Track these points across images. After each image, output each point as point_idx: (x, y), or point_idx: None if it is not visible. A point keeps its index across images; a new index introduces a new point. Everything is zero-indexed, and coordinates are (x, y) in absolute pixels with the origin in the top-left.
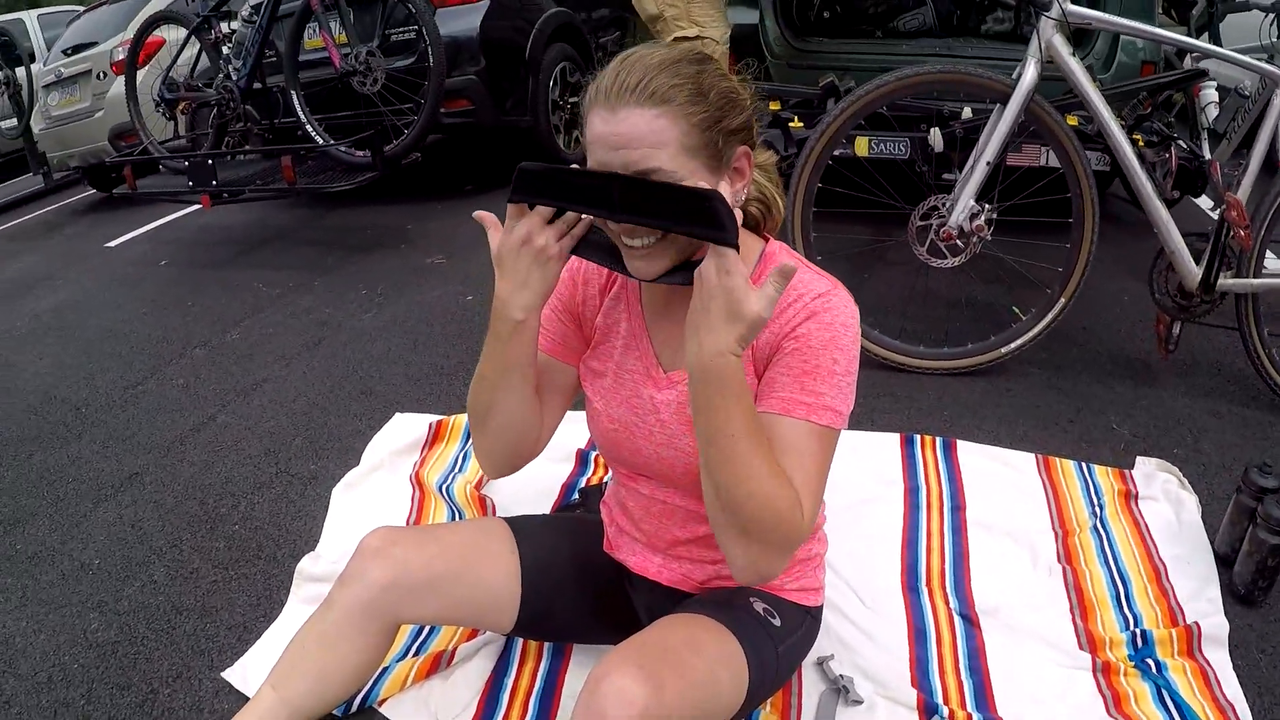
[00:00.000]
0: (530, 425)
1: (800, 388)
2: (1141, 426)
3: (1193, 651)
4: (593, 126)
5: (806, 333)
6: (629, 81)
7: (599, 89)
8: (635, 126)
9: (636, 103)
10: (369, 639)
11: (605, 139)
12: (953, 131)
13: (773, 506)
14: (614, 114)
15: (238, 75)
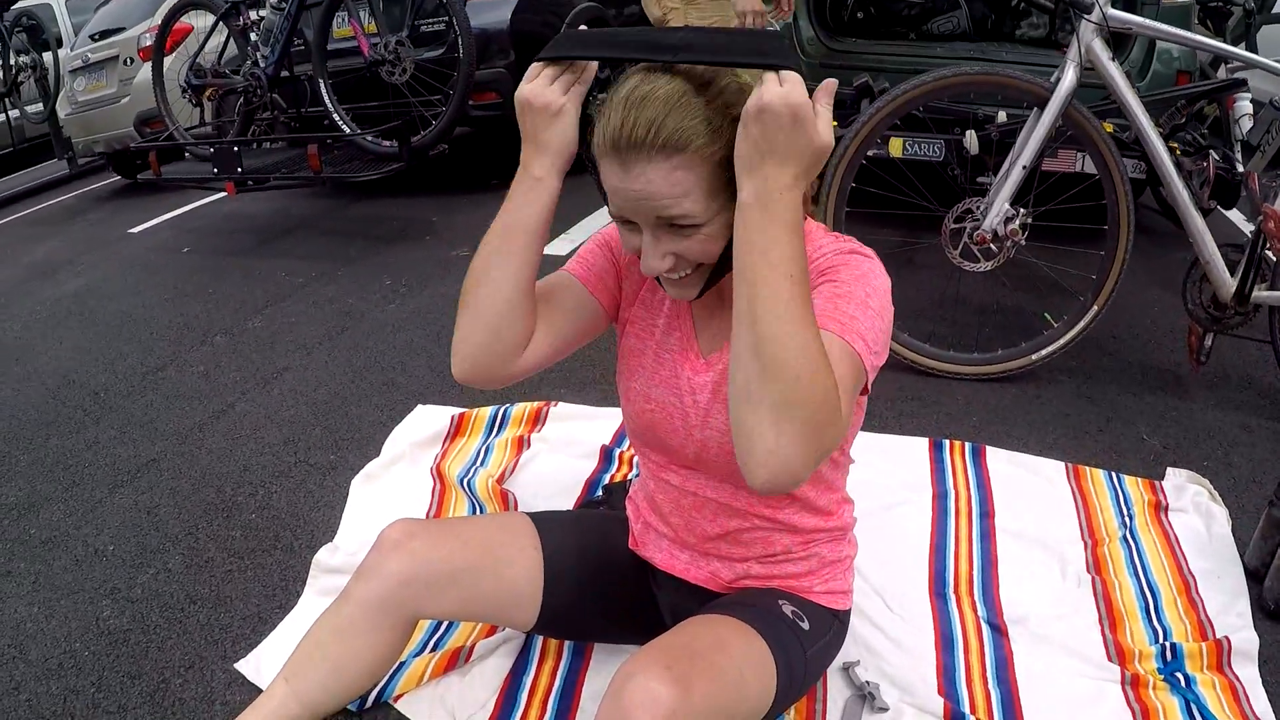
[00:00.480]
0: (516, 315)
1: (834, 307)
2: (1172, 438)
3: (1222, 666)
4: (607, 177)
5: (835, 268)
6: (638, 132)
7: (607, 137)
8: (652, 182)
9: (649, 156)
10: (386, 633)
11: (623, 193)
12: (988, 135)
13: (815, 377)
14: (628, 170)
15: (265, 63)
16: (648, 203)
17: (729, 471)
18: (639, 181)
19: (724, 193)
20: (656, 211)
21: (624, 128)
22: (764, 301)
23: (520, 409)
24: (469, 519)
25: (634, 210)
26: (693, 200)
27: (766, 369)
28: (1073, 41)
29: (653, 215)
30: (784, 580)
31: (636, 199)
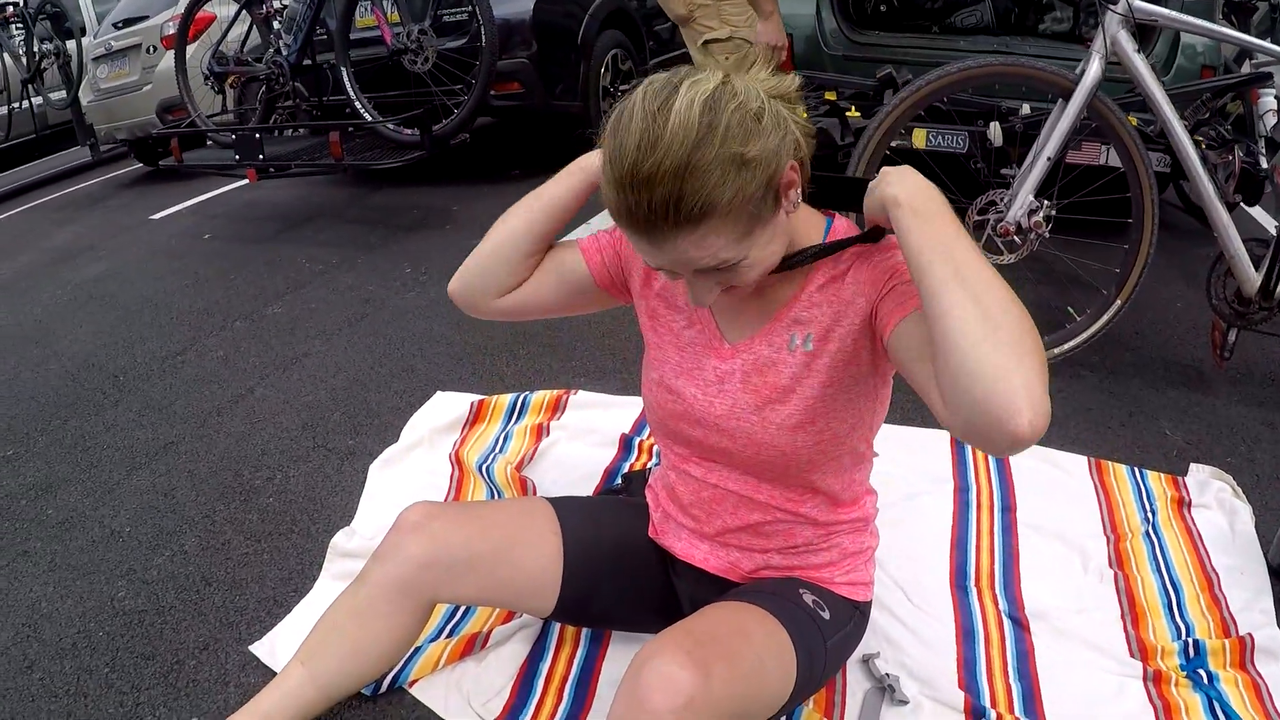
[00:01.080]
0: (511, 263)
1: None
2: (1194, 434)
3: (1245, 663)
4: (633, 243)
5: (893, 266)
6: (657, 213)
7: (623, 211)
8: (685, 251)
9: (676, 230)
10: (403, 617)
11: (653, 259)
12: (1012, 126)
13: (1028, 319)
14: (656, 245)
15: (288, 51)
16: (686, 264)
17: (753, 463)
18: (671, 253)
19: (755, 224)
20: (693, 266)
21: (639, 208)
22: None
23: (540, 396)
24: (489, 503)
25: (670, 269)
26: (727, 251)
27: (993, 320)
28: (1098, 33)
29: (690, 270)
30: (805, 571)
31: (674, 264)
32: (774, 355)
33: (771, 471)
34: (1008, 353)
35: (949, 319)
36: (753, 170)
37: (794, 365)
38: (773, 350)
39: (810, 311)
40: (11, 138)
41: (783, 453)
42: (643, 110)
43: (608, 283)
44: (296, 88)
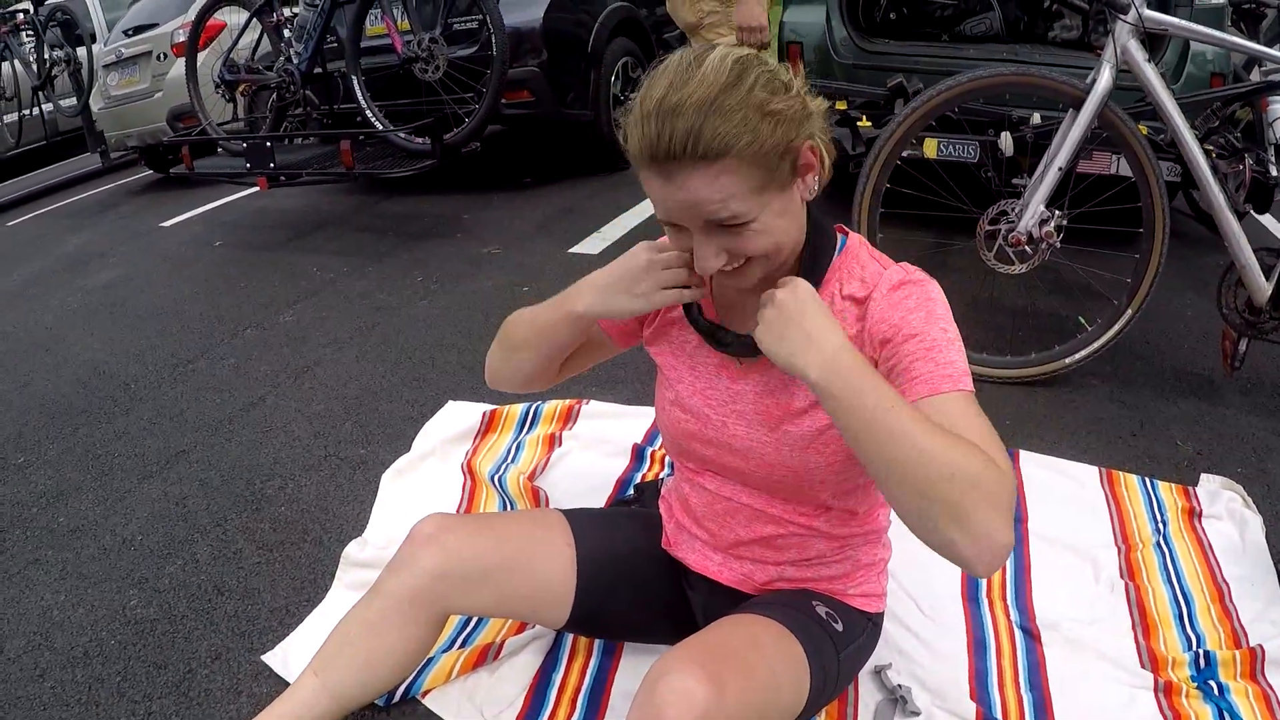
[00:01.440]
0: (541, 375)
1: (934, 364)
2: (1205, 444)
3: (1256, 674)
4: (649, 186)
5: (904, 318)
6: (676, 144)
7: (644, 148)
8: (697, 190)
9: (691, 166)
10: (416, 628)
11: (667, 202)
12: (1023, 136)
13: (963, 462)
14: (670, 181)
15: (299, 59)
16: (695, 209)
17: (766, 481)
18: (683, 191)
19: (770, 185)
20: (705, 216)
21: (660, 140)
22: (885, 443)
23: (552, 406)
24: (503, 515)
25: (681, 216)
26: (739, 200)
27: (924, 496)
28: (1108, 42)
29: (701, 219)
30: (818, 582)
31: (682, 206)
32: (787, 377)
33: (785, 488)
34: (949, 525)
35: (880, 484)
36: (773, 124)
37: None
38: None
39: None
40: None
41: (795, 472)
42: (677, 62)
43: (616, 332)
44: (307, 96)
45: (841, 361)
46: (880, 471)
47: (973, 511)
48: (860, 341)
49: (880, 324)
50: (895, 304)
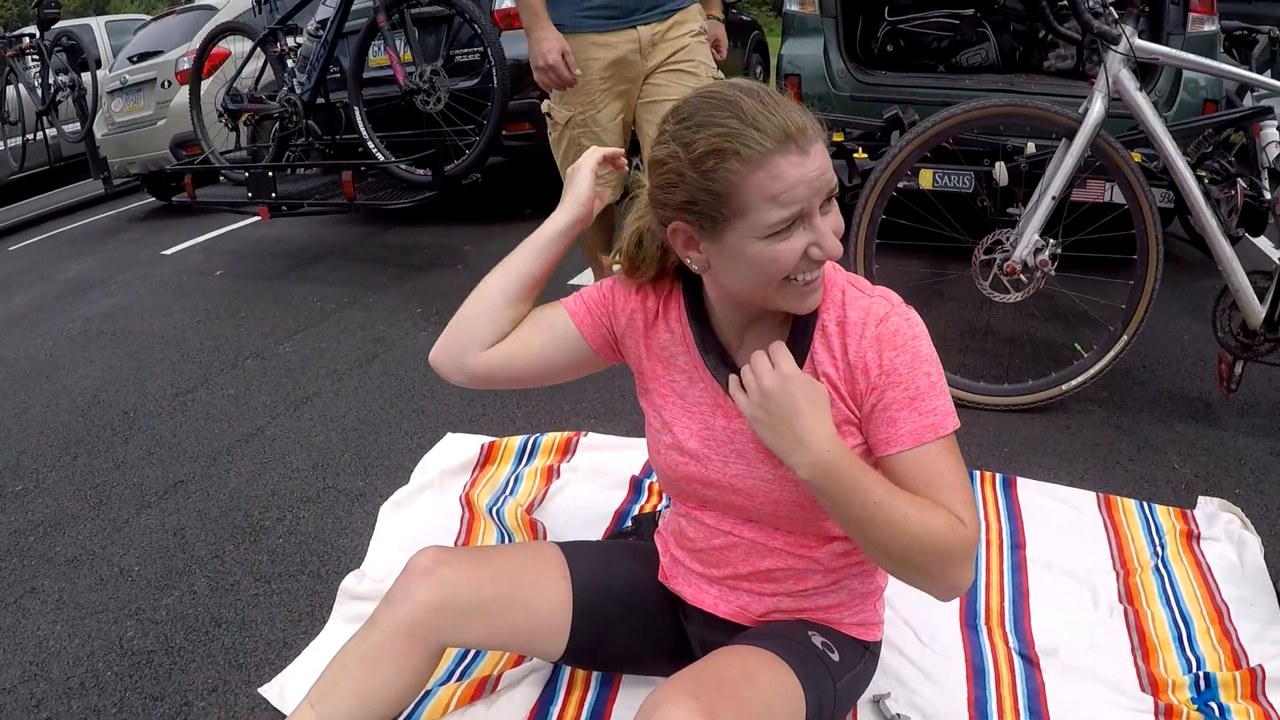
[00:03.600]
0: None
1: (917, 414)
2: (1203, 466)
3: (1256, 695)
4: (784, 169)
5: (891, 364)
6: (798, 121)
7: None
8: (822, 154)
9: (814, 137)
10: (413, 661)
11: (805, 180)
12: (1017, 166)
13: (933, 540)
14: (808, 153)
15: (301, 89)
16: (824, 177)
17: (770, 516)
18: (817, 158)
19: None
20: (828, 185)
21: (787, 118)
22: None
23: (550, 438)
24: (499, 548)
25: (815, 192)
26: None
27: (899, 562)
28: (1100, 72)
29: (825, 191)
30: (814, 612)
31: (818, 177)
32: None
33: (791, 521)
34: (919, 580)
35: (861, 548)
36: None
37: None
38: None
39: (811, 372)
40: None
41: (802, 506)
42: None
43: (599, 343)
44: (310, 126)
45: (830, 462)
46: (863, 545)
47: (941, 575)
48: (842, 375)
49: (867, 365)
50: (882, 345)
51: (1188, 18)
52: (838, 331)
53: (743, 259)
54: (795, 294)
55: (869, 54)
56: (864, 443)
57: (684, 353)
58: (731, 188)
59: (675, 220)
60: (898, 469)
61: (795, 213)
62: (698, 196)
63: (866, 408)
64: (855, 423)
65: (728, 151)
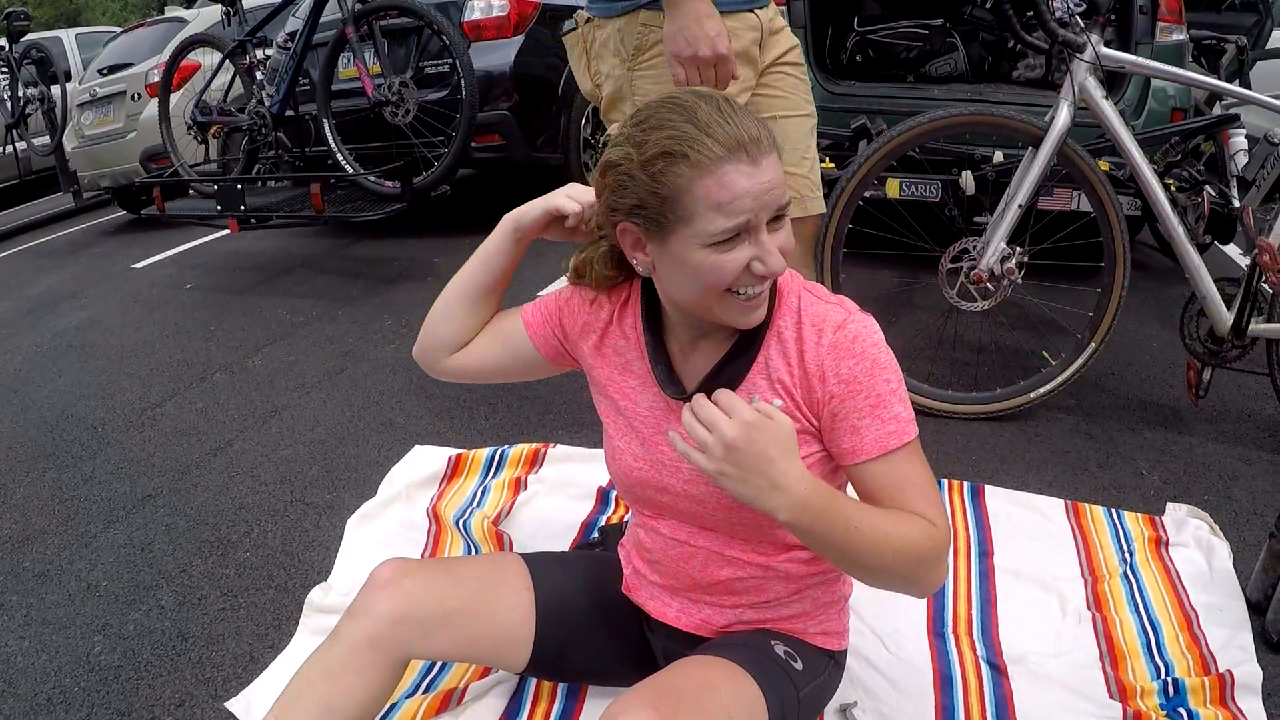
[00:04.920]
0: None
1: (880, 422)
2: (1171, 473)
3: (1225, 700)
4: (733, 179)
5: (850, 373)
6: (753, 132)
7: (732, 136)
8: (775, 170)
9: (767, 150)
10: (376, 673)
11: (753, 192)
12: (984, 174)
13: (913, 549)
14: (758, 164)
15: (271, 102)
16: (773, 193)
17: (721, 520)
18: (768, 172)
19: None
20: (777, 201)
21: (744, 130)
22: (853, 556)
23: (518, 450)
24: (462, 559)
25: (762, 206)
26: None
27: (880, 576)
28: (1066, 80)
29: (773, 207)
30: (777, 622)
31: (766, 191)
32: None
33: (746, 528)
34: (899, 586)
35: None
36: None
37: None
38: None
39: (766, 380)
40: None
41: (754, 512)
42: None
43: (552, 353)
44: (279, 138)
45: (808, 500)
46: (843, 568)
47: (922, 579)
48: (797, 381)
49: (824, 373)
50: (840, 353)
51: (1156, 27)
52: (794, 338)
53: (686, 266)
54: (736, 308)
55: (838, 64)
56: (821, 450)
57: (638, 359)
58: (679, 192)
59: (624, 222)
60: (865, 477)
61: (740, 224)
62: (646, 199)
63: (825, 416)
64: (813, 431)
65: (677, 155)
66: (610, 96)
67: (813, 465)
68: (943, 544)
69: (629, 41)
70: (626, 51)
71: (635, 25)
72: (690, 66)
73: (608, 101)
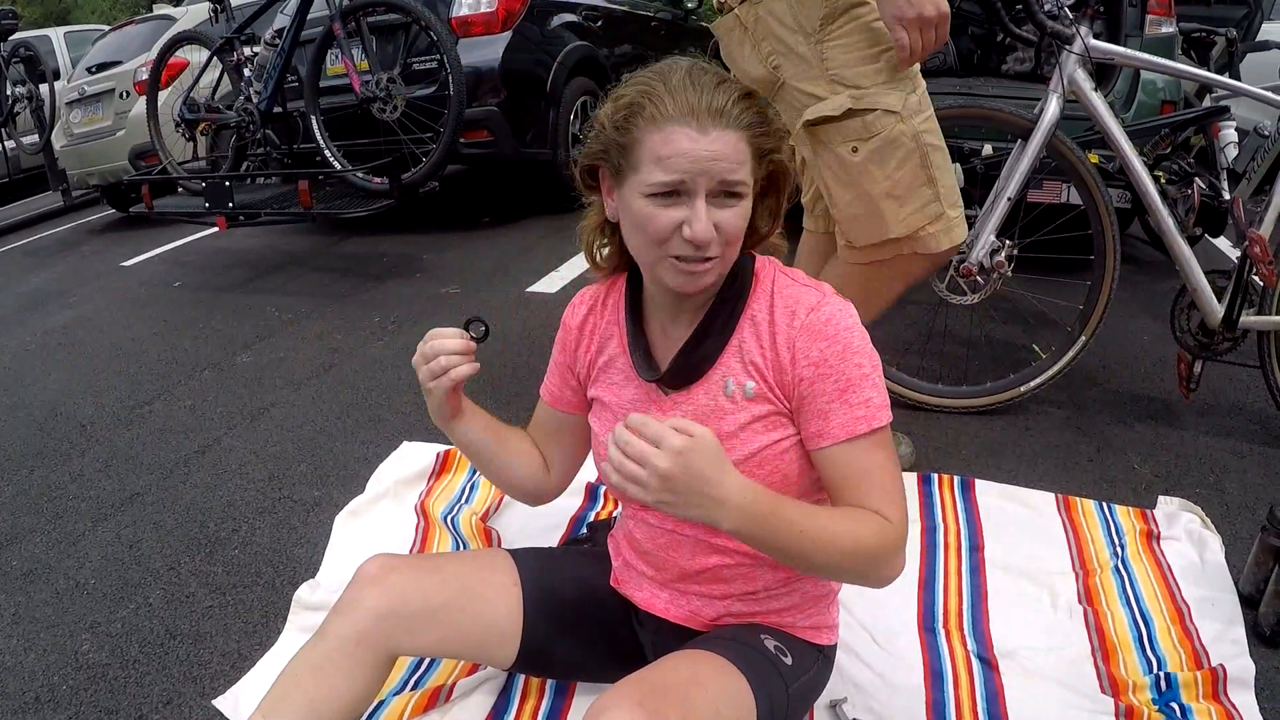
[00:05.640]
0: (510, 478)
1: (848, 407)
2: (1163, 466)
3: (1218, 694)
4: (674, 139)
5: (821, 355)
6: (716, 105)
7: (682, 103)
8: (727, 145)
9: (727, 124)
10: (364, 670)
11: (692, 155)
12: (973, 167)
13: (863, 549)
14: (705, 133)
15: (259, 99)
16: (717, 164)
17: None
18: (717, 143)
19: (755, 173)
20: (721, 175)
21: (702, 96)
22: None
23: None
24: (449, 555)
25: (699, 172)
26: (746, 170)
27: (834, 573)
28: (1056, 73)
29: (715, 179)
30: (767, 615)
31: (708, 160)
32: (712, 403)
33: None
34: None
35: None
36: (773, 124)
37: (734, 411)
38: (710, 398)
39: (740, 362)
40: None
41: None
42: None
43: (581, 401)
44: (267, 135)
45: (749, 507)
46: (798, 569)
47: (875, 574)
48: (769, 363)
49: (795, 355)
50: (812, 335)
51: (1145, 19)
52: (767, 320)
53: (631, 213)
54: (673, 270)
55: None
56: (795, 434)
57: (621, 354)
58: (633, 142)
59: (600, 166)
60: (828, 462)
61: (675, 181)
62: (609, 146)
63: (796, 399)
64: (785, 414)
65: (637, 107)
66: (793, 74)
67: (787, 451)
68: (895, 541)
69: (811, 12)
70: (810, 23)
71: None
72: (914, 29)
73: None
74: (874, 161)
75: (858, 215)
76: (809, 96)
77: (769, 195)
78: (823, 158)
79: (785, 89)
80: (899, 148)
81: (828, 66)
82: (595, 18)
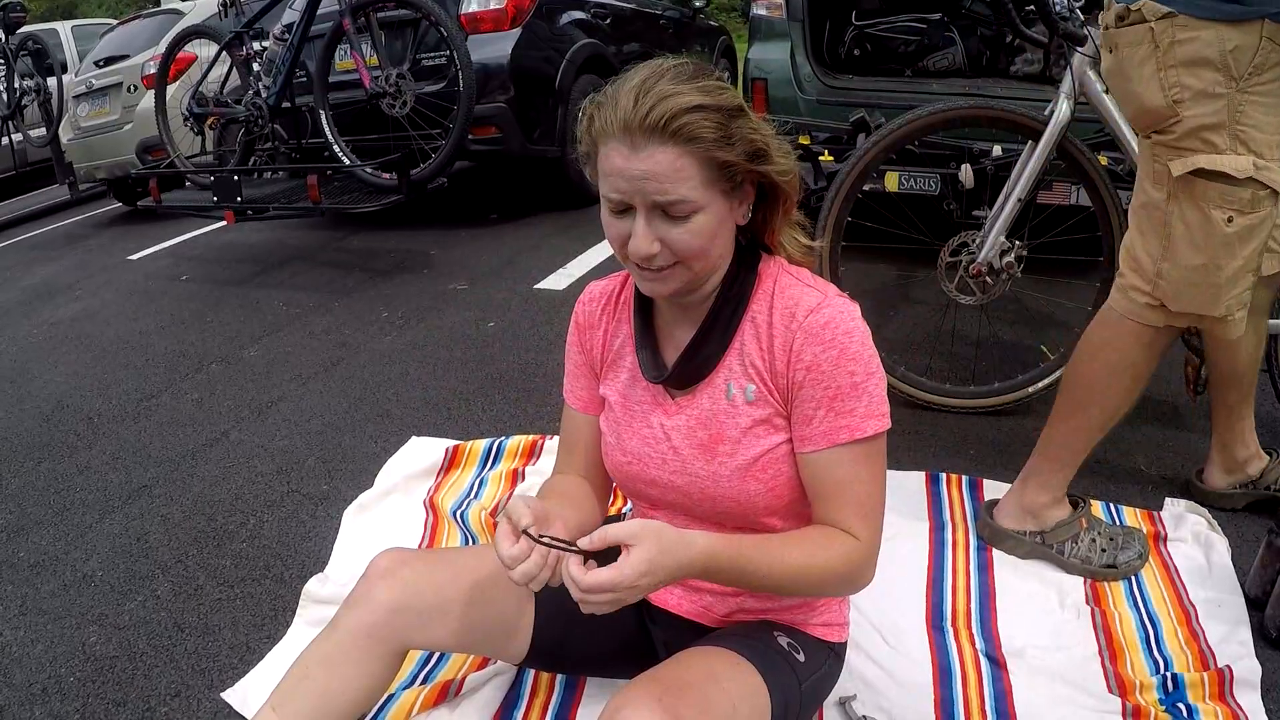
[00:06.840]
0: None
1: (834, 415)
2: (1170, 468)
3: (1224, 695)
4: (609, 159)
5: (814, 359)
6: (653, 118)
7: (618, 119)
8: (659, 164)
9: (661, 141)
10: (374, 663)
11: (626, 173)
12: (983, 168)
13: (831, 574)
14: (637, 151)
15: (267, 93)
16: (649, 183)
17: (711, 512)
18: (646, 162)
19: (717, 185)
20: (655, 195)
21: (639, 113)
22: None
23: (515, 442)
24: (461, 549)
25: (633, 191)
26: (689, 187)
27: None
28: (1066, 74)
29: (650, 199)
30: (779, 613)
31: (639, 179)
32: (715, 407)
33: (732, 517)
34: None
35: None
36: (738, 135)
37: (736, 415)
38: (713, 402)
39: (740, 364)
40: None
41: (737, 500)
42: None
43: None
44: (275, 130)
45: (710, 562)
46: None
47: (845, 589)
48: (768, 366)
49: (791, 358)
50: (808, 338)
51: None
52: (766, 322)
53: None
54: (639, 275)
55: (836, 58)
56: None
57: (630, 353)
58: (595, 151)
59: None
60: (808, 469)
61: (616, 199)
62: (585, 150)
63: (789, 401)
64: (784, 416)
65: (590, 119)
66: (1196, 114)
67: (789, 455)
68: (863, 560)
69: (1242, 56)
70: (1239, 68)
71: (1254, 38)
72: None
73: (1192, 125)
74: (1240, 239)
75: (1196, 284)
76: (1203, 143)
77: (766, 203)
78: (1182, 208)
79: (1177, 124)
80: (1261, 233)
81: (1238, 120)
82: (604, 15)
